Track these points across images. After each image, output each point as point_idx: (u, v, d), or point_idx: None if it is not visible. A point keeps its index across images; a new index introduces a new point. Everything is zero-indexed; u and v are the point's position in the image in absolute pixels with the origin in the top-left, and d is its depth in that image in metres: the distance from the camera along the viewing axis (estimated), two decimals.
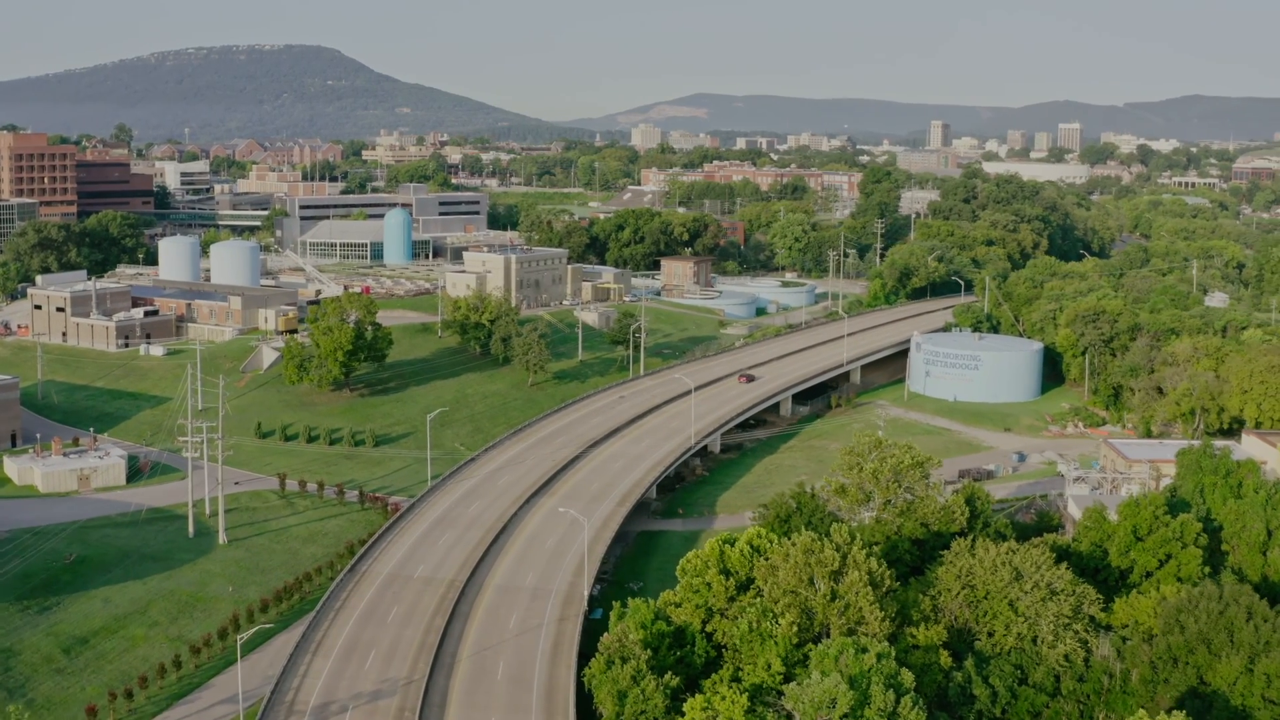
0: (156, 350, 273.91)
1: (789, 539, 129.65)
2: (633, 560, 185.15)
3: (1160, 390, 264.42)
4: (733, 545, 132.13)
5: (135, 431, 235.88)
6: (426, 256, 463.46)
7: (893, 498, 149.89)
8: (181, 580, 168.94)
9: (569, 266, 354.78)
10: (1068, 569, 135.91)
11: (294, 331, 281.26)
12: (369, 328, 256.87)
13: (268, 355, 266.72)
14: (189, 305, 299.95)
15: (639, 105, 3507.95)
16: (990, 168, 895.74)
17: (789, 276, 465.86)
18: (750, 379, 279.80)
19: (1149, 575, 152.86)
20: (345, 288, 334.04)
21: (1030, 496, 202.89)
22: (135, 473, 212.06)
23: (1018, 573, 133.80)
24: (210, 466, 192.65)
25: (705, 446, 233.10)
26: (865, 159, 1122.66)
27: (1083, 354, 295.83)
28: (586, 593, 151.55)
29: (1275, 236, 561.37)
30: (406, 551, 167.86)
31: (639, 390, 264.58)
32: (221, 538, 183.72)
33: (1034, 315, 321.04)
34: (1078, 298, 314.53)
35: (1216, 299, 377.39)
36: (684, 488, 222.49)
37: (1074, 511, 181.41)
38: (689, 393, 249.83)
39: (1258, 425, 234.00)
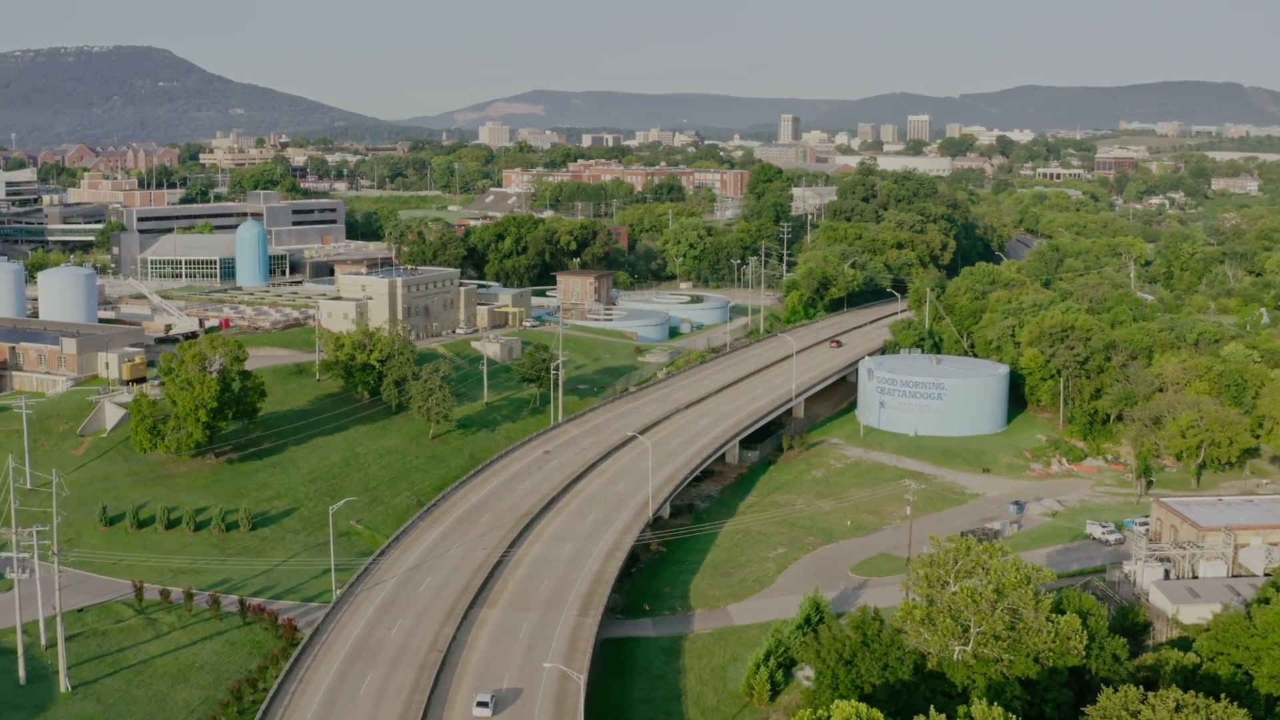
0: None
1: None
2: (606, 685, 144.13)
3: (1156, 420, 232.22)
4: None
5: None
6: (283, 273, 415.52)
7: (996, 628, 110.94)
8: None
9: (462, 289, 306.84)
10: None
11: (142, 380, 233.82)
12: (236, 376, 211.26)
13: (111, 413, 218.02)
14: (13, 349, 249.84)
15: (475, 103, 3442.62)
16: (875, 162, 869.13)
17: (683, 287, 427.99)
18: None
19: None
20: (201, 322, 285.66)
21: (1082, 571, 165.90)
22: None
23: None
24: (44, 567, 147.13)
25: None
26: (721, 154, 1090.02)
27: (1053, 377, 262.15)
28: None
29: (1182, 231, 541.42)
30: (319, 710, 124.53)
31: (565, 441, 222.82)
32: (63, 683, 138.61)
33: (988, 332, 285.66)
34: (1038, 310, 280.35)
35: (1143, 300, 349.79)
36: (641, 570, 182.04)
37: (1160, 603, 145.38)
38: (630, 442, 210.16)
39: None
